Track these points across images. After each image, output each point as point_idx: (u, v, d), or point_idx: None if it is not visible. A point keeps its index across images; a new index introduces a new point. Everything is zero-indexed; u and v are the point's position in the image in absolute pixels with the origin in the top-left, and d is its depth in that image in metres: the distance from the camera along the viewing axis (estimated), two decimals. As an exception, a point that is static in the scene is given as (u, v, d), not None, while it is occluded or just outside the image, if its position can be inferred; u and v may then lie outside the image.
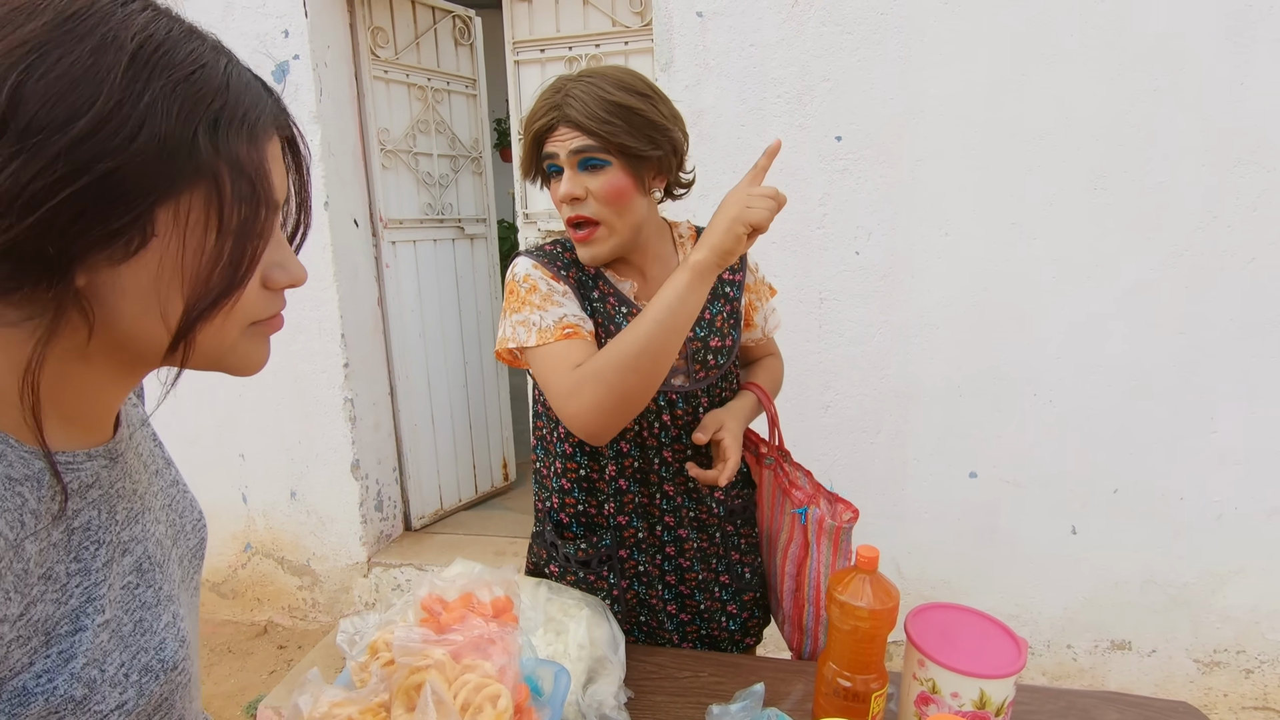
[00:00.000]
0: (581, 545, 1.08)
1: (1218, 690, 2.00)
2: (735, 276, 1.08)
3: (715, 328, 1.04)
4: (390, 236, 2.56)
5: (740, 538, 1.14)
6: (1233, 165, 1.73)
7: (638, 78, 0.94)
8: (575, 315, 0.95)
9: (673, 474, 1.05)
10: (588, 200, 0.93)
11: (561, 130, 0.91)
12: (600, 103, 0.88)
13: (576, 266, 1.02)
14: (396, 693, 0.69)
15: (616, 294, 1.02)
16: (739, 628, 1.15)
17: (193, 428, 2.52)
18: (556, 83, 0.93)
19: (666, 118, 0.94)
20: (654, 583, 1.09)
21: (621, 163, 0.91)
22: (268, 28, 2.15)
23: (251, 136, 0.44)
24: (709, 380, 1.04)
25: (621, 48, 2.27)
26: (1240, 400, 1.84)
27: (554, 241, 1.05)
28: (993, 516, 2.04)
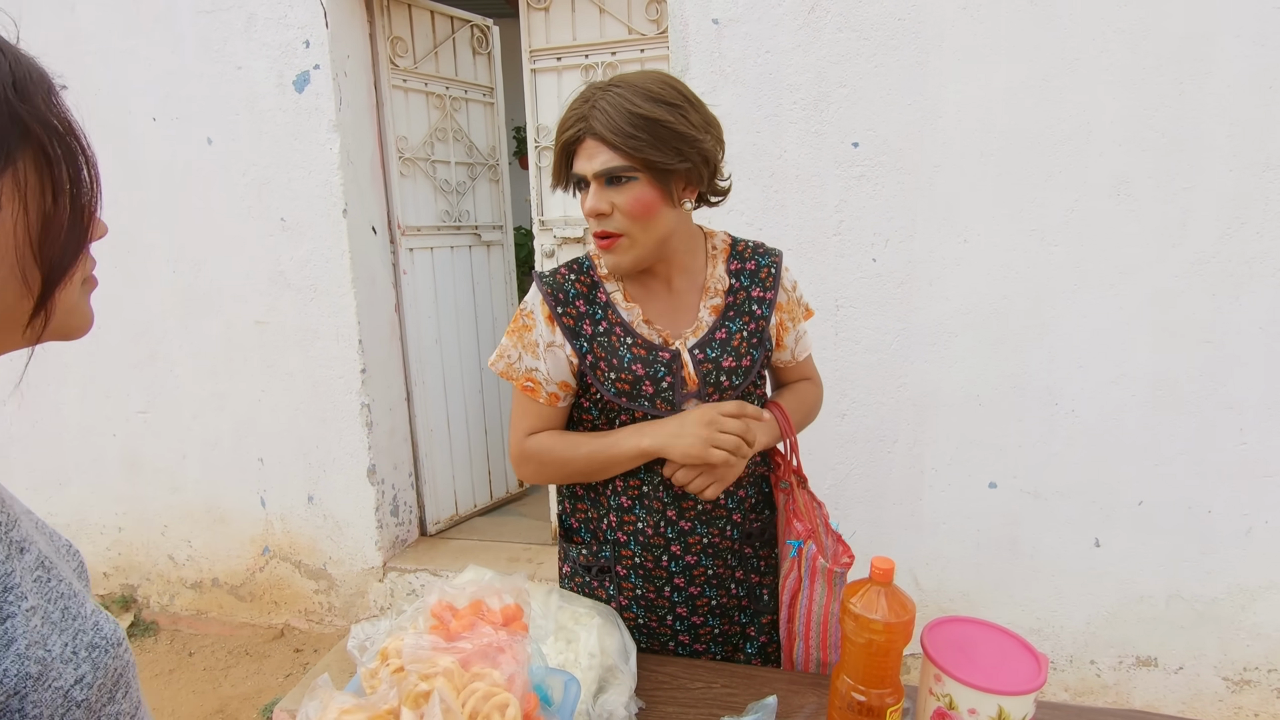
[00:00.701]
0: (583, 551, 1.09)
1: (1248, 709, 1.94)
2: (766, 294, 1.04)
3: (731, 347, 1.00)
4: (408, 243, 2.58)
5: (760, 559, 1.11)
6: (1261, 170, 1.69)
7: (669, 85, 0.91)
8: (543, 374, 1.01)
9: (675, 498, 1.02)
10: (614, 215, 0.92)
11: (588, 143, 0.90)
12: (626, 116, 0.87)
13: (585, 297, 1.01)
14: (405, 700, 0.68)
15: (623, 324, 1.00)
16: (757, 651, 1.13)
17: (212, 432, 2.56)
18: (586, 91, 0.92)
19: (696, 127, 0.91)
20: (660, 610, 1.07)
21: (648, 176, 0.90)
22: (289, 38, 2.19)
23: (50, 96, 0.46)
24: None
25: (638, 55, 2.27)
26: (1270, 410, 1.79)
27: (574, 264, 1.05)
28: (1013, 528, 2.00)
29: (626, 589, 1.07)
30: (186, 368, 2.53)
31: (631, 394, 0.98)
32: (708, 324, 1.01)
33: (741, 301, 1.03)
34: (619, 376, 0.98)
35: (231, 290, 2.43)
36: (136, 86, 2.35)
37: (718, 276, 1.04)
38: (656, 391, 0.98)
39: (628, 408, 0.99)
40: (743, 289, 1.03)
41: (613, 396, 0.99)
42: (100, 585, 2.83)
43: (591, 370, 0.99)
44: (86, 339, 2.81)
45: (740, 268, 1.04)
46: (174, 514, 2.68)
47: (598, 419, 1.03)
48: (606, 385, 0.99)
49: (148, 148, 2.39)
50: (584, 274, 1.03)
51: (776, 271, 1.05)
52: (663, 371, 0.98)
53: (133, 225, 2.46)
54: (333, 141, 2.23)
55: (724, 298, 1.03)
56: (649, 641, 1.10)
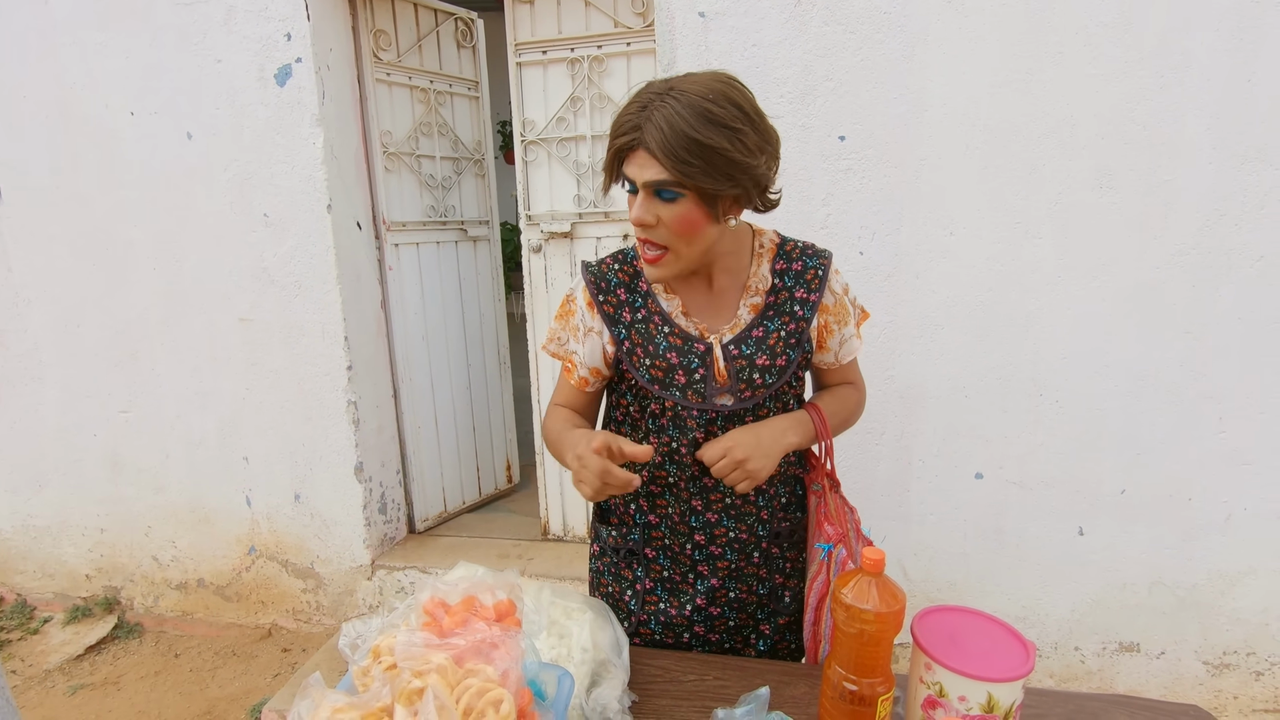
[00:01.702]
0: (614, 533, 1.11)
1: (1228, 693, 1.98)
2: (811, 296, 1.02)
3: (767, 346, 1.00)
4: (393, 239, 2.56)
5: (786, 560, 1.11)
6: (1240, 163, 1.72)
7: (729, 101, 0.86)
8: (581, 356, 1.05)
9: (702, 489, 1.03)
10: (658, 227, 0.91)
11: (640, 154, 0.87)
12: (681, 139, 0.83)
13: (627, 286, 1.03)
14: (398, 697, 0.68)
15: (661, 313, 1.01)
16: (768, 649, 1.13)
17: (196, 431, 2.53)
18: (644, 94, 0.88)
19: (752, 151, 0.88)
20: (680, 596, 1.08)
21: (696, 197, 0.88)
22: (270, 31, 2.16)
23: None
24: (755, 400, 1.00)
25: (624, 49, 2.26)
26: (1249, 400, 1.82)
27: (619, 254, 1.06)
28: (999, 518, 2.02)
29: (655, 570, 1.09)
30: (168, 366, 2.50)
31: (665, 382, 0.99)
32: (746, 321, 1.01)
33: (783, 301, 1.02)
34: (653, 363, 1.00)
35: (214, 287, 2.40)
36: (113, 80, 2.31)
37: (761, 275, 1.03)
38: (689, 382, 0.99)
39: (659, 396, 1.00)
40: (785, 289, 1.03)
41: (646, 383, 1.00)
42: (83, 587, 2.80)
43: (628, 356, 1.01)
44: (66, 337, 2.77)
45: (785, 268, 1.04)
46: (157, 514, 2.65)
47: (631, 405, 1.06)
48: (641, 371, 1.00)
49: (126, 143, 2.35)
50: (627, 264, 1.05)
51: (824, 274, 1.03)
52: (696, 363, 0.99)
53: (111, 222, 2.42)
54: (316, 136, 2.20)
55: (764, 297, 1.03)
56: (664, 631, 1.10)
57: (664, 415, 1.01)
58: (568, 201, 2.43)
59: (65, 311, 2.53)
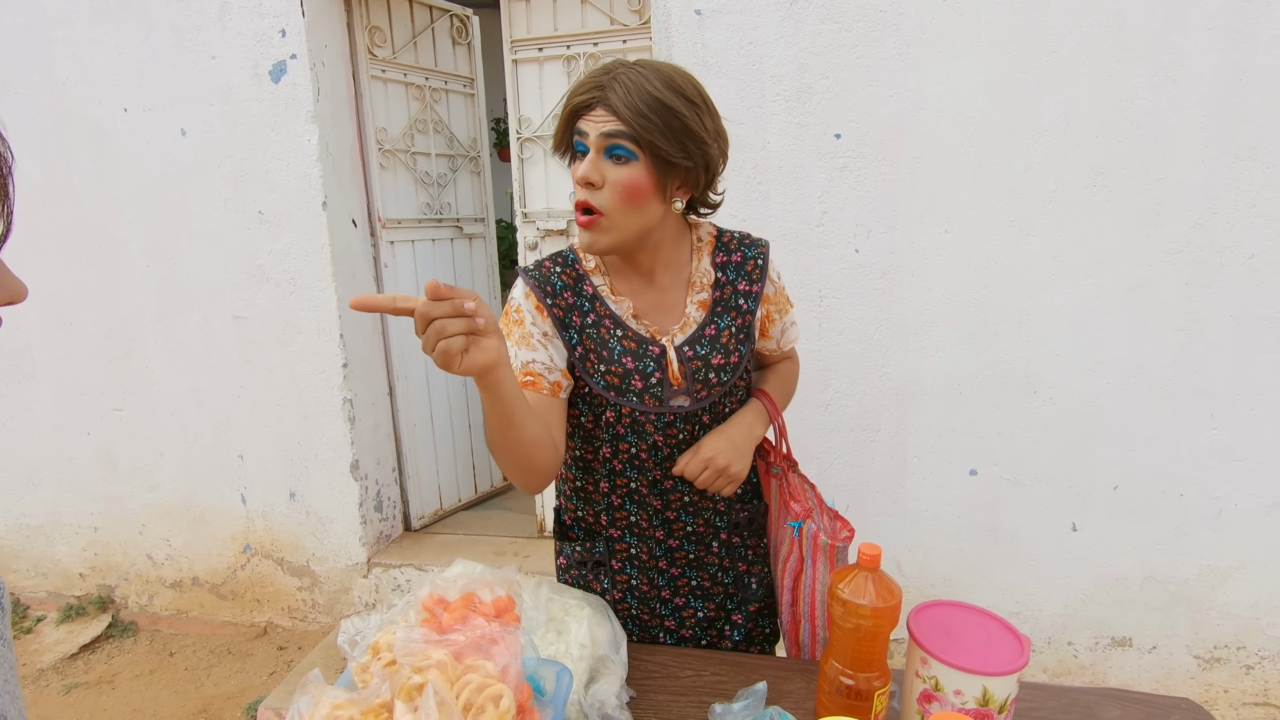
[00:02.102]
0: (577, 548, 1.09)
1: (1218, 686, 2.00)
2: (753, 288, 1.02)
3: (720, 344, 1.00)
4: (389, 236, 2.55)
5: (747, 549, 1.12)
6: (1232, 161, 1.73)
7: (690, 83, 0.90)
8: (542, 363, 0.95)
9: (663, 491, 1.03)
10: (603, 189, 0.89)
11: (598, 111, 0.88)
12: (643, 95, 0.85)
13: (573, 289, 0.99)
14: (398, 693, 0.68)
15: (612, 316, 0.98)
16: (743, 638, 1.14)
17: (191, 429, 2.52)
18: (609, 64, 0.91)
19: (708, 131, 0.90)
20: (650, 601, 1.09)
21: (648, 161, 0.88)
22: (264, 27, 2.15)
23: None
24: (711, 398, 1.00)
25: (620, 46, 2.26)
26: (1240, 396, 1.84)
27: (558, 257, 1.02)
28: (993, 514, 2.03)
29: (621, 581, 1.08)
30: (163, 364, 2.49)
31: (621, 388, 0.97)
32: (696, 320, 1.00)
33: (729, 296, 1.02)
34: (609, 369, 0.97)
35: (208, 285, 2.39)
36: (106, 76, 2.29)
37: (703, 270, 1.02)
38: (645, 387, 0.97)
39: (615, 402, 0.97)
40: (729, 283, 1.02)
41: (601, 390, 0.97)
42: (77, 586, 2.78)
43: (581, 363, 0.98)
44: (59, 335, 2.75)
45: (726, 260, 1.03)
46: (152, 513, 2.64)
47: (584, 415, 1.02)
48: (595, 378, 0.97)
49: (119, 140, 2.33)
50: (569, 266, 1.01)
51: (764, 264, 1.04)
52: (652, 367, 0.97)
53: (105, 219, 2.41)
54: (311, 133, 2.20)
55: (711, 292, 1.02)
56: (640, 633, 1.11)
57: (620, 422, 0.98)
58: (563, 199, 2.43)
59: (58, 309, 2.51)
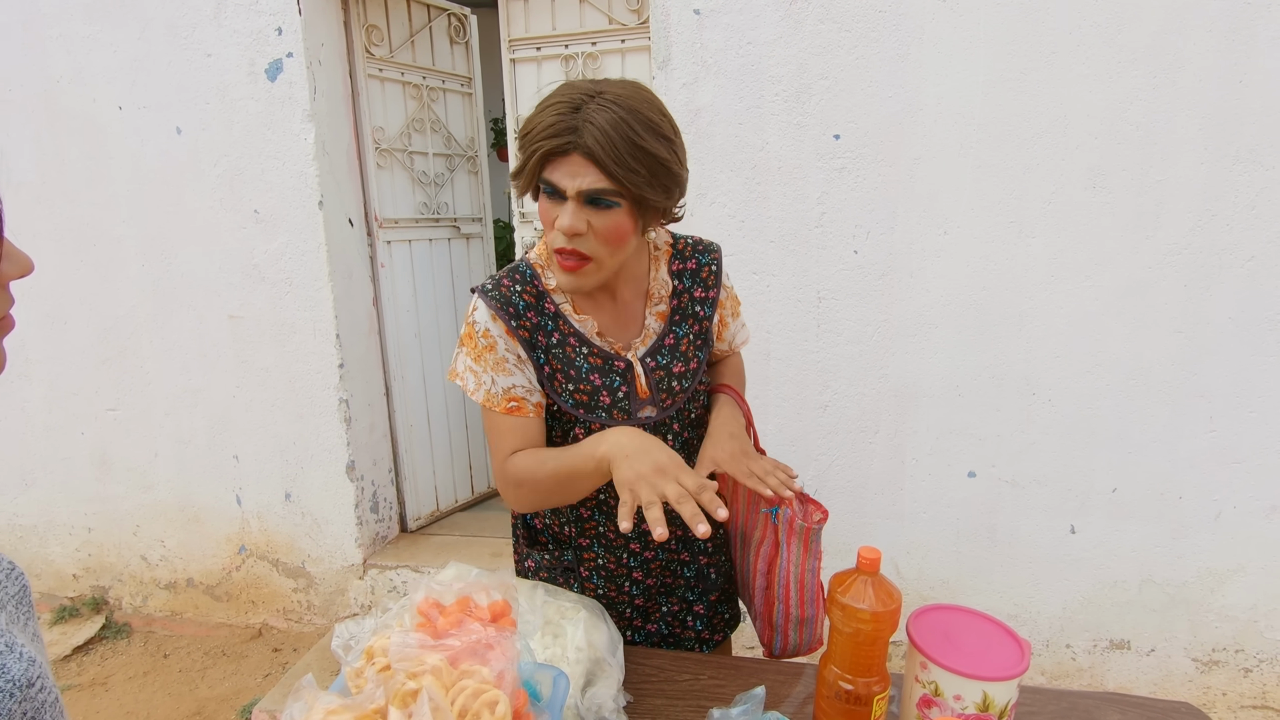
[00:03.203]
0: (546, 555, 1.10)
1: (1216, 689, 2.00)
2: (709, 294, 1.03)
3: (680, 352, 1.01)
4: (385, 236, 2.54)
5: (707, 542, 1.13)
6: (1231, 163, 1.73)
7: (661, 113, 0.86)
8: (523, 387, 0.95)
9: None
10: (587, 236, 0.87)
11: (575, 158, 0.82)
12: (628, 145, 0.81)
13: (535, 308, 0.97)
14: (392, 699, 0.67)
15: (577, 334, 0.97)
16: (705, 626, 1.15)
17: (186, 429, 2.50)
18: (571, 96, 0.83)
19: (682, 163, 0.89)
20: (620, 606, 1.10)
21: (630, 206, 0.86)
22: (260, 25, 2.14)
23: None
24: (676, 405, 1.01)
25: (618, 45, 2.26)
26: (1239, 398, 1.84)
27: (511, 274, 0.99)
28: (992, 516, 2.03)
29: (589, 590, 1.09)
30: (157, 364, 2.47)
31: (590, 405, 0.97)
32: (655, 331, 1.01)
33: (686, 305, 1.03)
34: (577, 388, 0.97)
35: (204, 284, 2.37)
36: (101, 74, 2.28)
37: (661, 280, 1.03)
38: (613, 402, 0.98)
39: (585, 420, 0.98)
40: (686, 291, 1.03)
41: (570, 408, 0.97)
42: (70, 587, 2.77)
43: (549, 382, 0.97)
44: (53, 334, 2.73)
45: (682, 268, 1.04)
46: (146, 513, 2.62)
47: (554, 431, 1.02)
48: (564, 397, 0.97)
49: (114, 138, 2.32)
50: (529, 284, 0.98)
51: (718, 269, 1.05)
52: (618, 382, 0.98)
53: (99, 218, 2.40)
54: (307, 132, 2.18)
55: (669, 302, 1.03)
56: None
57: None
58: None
59: (52, 308, 2.50)
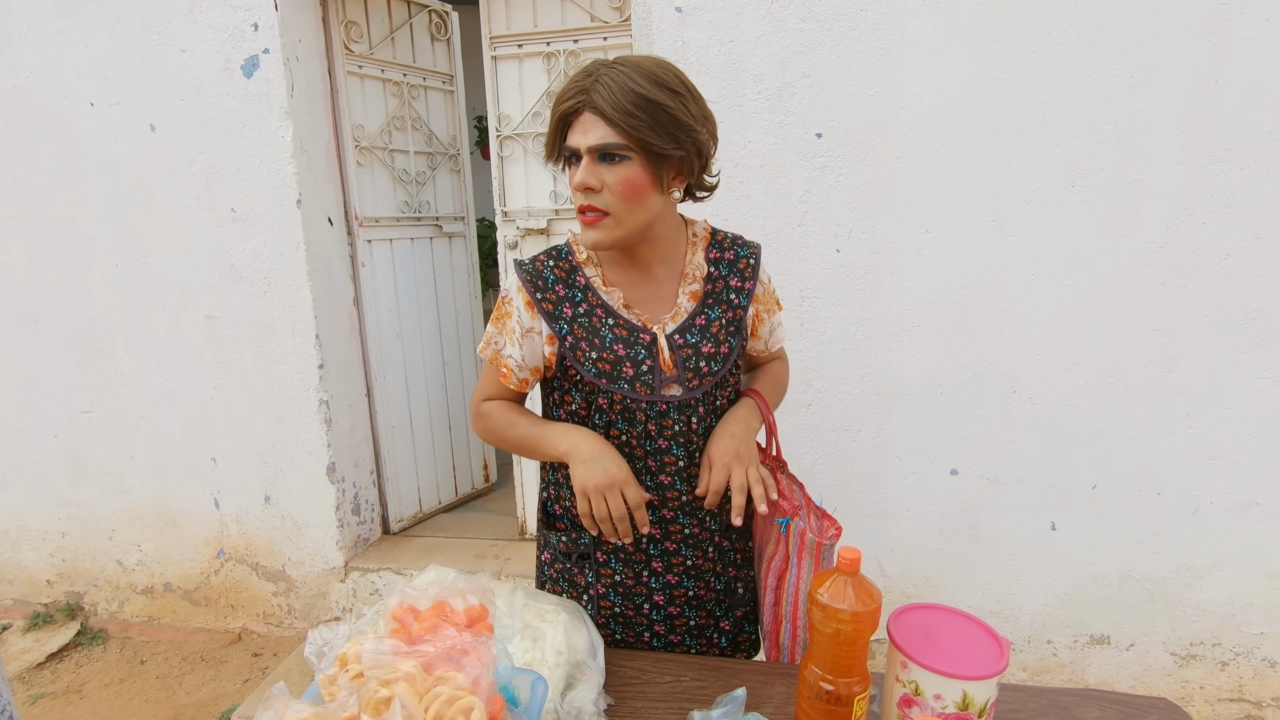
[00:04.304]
0: (564, 538, 1.08)
1: (1194, 683, 2.02)
2: (745, 285, 1.05)
3: (711, 334, 1.01)
4: (366, 235, 2.51)
5: (736, 552, 1.11)
6: (1208, 163, 1.75)
7: (673, 73, 0.92)
8: (515, 360, 1.02)
9: (658, 485, 1.01)
10: (602, 192, 0.92)
11: (585, 117, 0.89)
12: (628, 94, 0.87)
13: (565, 282, 1.01)
14: (365, 707, 0.66)
15: (604, 305, 1.00)
16: (729, 644, 1.13)
17: (163, 431, 2.46)
18: (590, 66, 0.92)
19: (695, 118, 0.92)
20: (636, 598, 1.07)
21: (642, 158, 0.90)
22: (236, 20, 2.10)
23: None
24: (703, 388, 1.01)
25: (600, 43, 2.24)
26: (1215, 395, 1.86)
27: (552, 250, 1.04)
28: (974, 514, 2.04)
29: (605, 575, 1.07)
30: (132, 365, 2.43)
31: (612, 375, 0.98)
32: (687, 310, 1.02)
33: (720, 290, 1.04)
34: (600, 356, 0.98)
35: (179, 284, 2.33)
36: (72, 70, 2.23)
37: (696, 263, 1.05)
38: (637, 374, 0.98)
39: (607, 390, 0.98)
40: (721, 277, 1.05)
41: (593, 377, 0.98)
42: (44, 593, 2.71)
43: (571, 352, 0.99)
44: (24, 335, 2.68)
45: (719, 257, 1.06)
46: (122, 517, 2.58)
47: (575, 402, 1.02)
48: (587, 365, 0.98)
49: (85, 135, 2.27)
50: (562, 259, 1.03)
51: (755, 263, 1.07)
52: (643, 354, 0.98)
53: (71, 216, 2.35)
54: (285, 129, 2.15)
55: (703, 285, 1.04)
56: (624, 631, 1.09)
57: (612, 410, 0.99)
58: (544, 198, 2.40)
59: (22, 308, 2.45)
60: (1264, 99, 1.69)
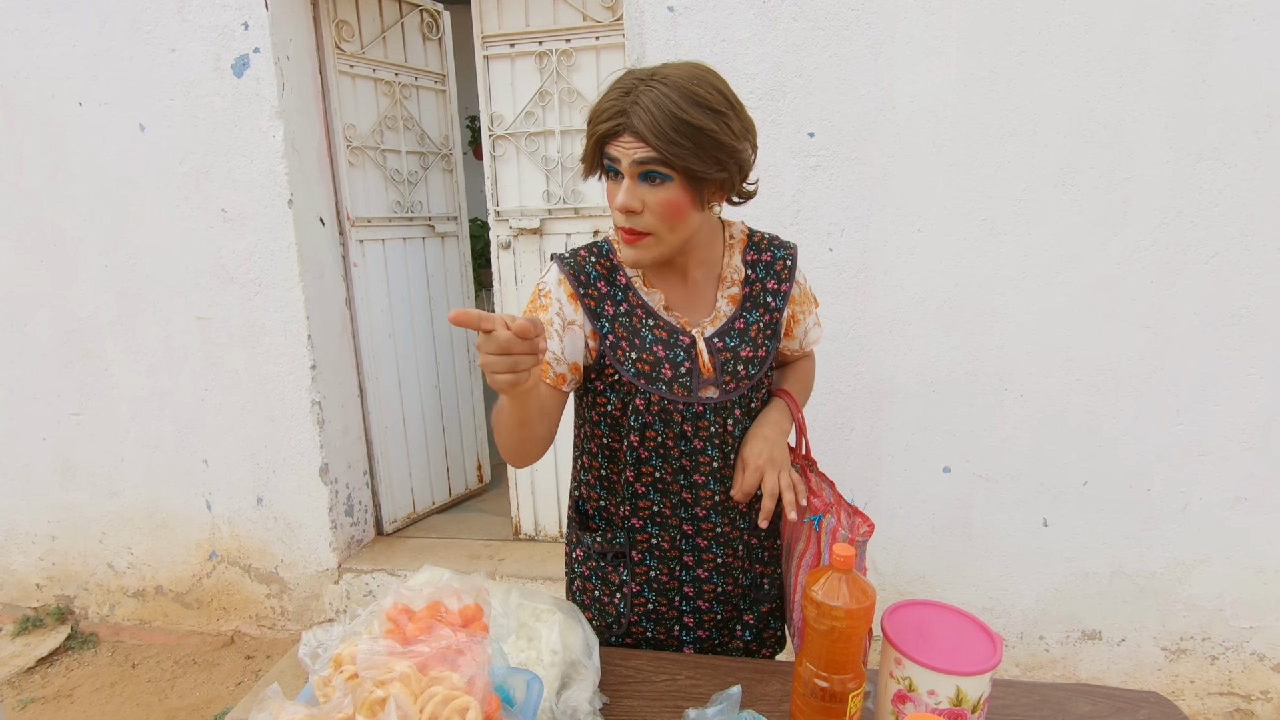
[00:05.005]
0: (598, 538, 1.09)
1: (1184, 677, 2.04)
2: (782, 287, 1.05)
3: (749, 338, 1.02)
4: (358, 235, 2.50)
5: (764, 550, 1.12)
6: (1196, 161, 1.76)
7: (713, 88, 0.88)
8: (553, 353, 0.98)
9: (692, 484, 1.02)
10: (644, 213, 0.91)
11: (625, 139, 0.87)
12: (670, 119, 0.84)
13: (606, 279, 1.01)
14: (360, 708, 0.66)
15: (644, 306, 1.00)
16: (754, 638, 1.14)
17: (153, 433, 2.45)
18: (625, 80, 0.88)
19: (737, 136, 0.90)
20: (670, 593, 1.08)
21: (684, 181, 0.88)
22: (226, 19, 2.09)
23: None
24: (740, 391, 1.01)
25: (593, 43, 2.24)
26: (1204, 392, 1.87)
27: (593, 246, 1.04)
28: (966, 511, 2.05)
29: (640, 573, 1.07)
30: (122, 367, 2.41)
31: (651, 375, 0.98)
32: (726, 314, 1.02)
33: (758, 293, 1.04)
34: (640, 357, 0.98)
35: (170, 285, 2.32)
36: (60, 69, 2.21)
37: (734, 267, 1.04)
38: (675, 376, 0.98)
39: (645, 390, 0.98)
40: (758, 280, 1.04)
41: (631, 377, 0.98)
42: (33, 597, 2.69)
43: (611, 351, 0.99)
44: (12, 337, 2.65)
45: (756, 259, 1.06)
46: (112, 520, 2.56)
47: (611, 403, 1.02)
48: (626, 366, 0.98)
49: (74, 135, 2.26)
50: (603, 257, 1.02)
51: (792, 264, 1.07)
52: (682, 356, 0.98)
53: (59, 217, 2.33)
54: (276, 129, 2.14)
55: (741, 288, 1.04)
56: (655, 628, 1.10)
57: (649, 411, 0.99)
58: (537, 197, 2.40)
59: (11, 310, 2.42)
60: (1251, 98, 1.71)
